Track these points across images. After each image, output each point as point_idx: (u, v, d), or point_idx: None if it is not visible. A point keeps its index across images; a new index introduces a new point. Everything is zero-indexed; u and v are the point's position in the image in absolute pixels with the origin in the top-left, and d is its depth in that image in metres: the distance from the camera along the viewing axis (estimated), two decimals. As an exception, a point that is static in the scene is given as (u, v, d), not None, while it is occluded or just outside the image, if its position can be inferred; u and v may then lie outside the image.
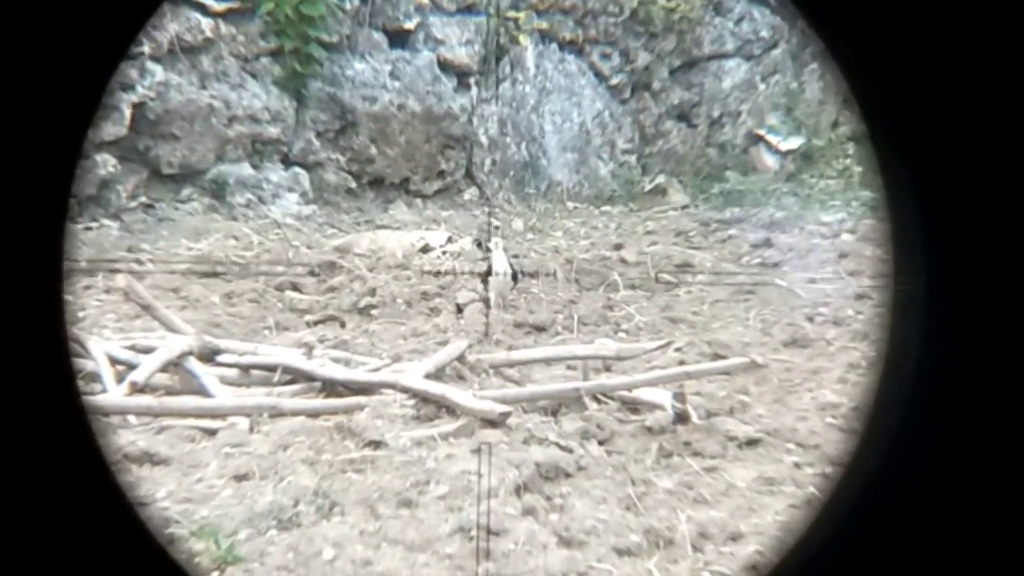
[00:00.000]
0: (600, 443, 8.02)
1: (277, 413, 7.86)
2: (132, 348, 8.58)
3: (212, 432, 7.64)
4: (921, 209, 2.34)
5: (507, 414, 8.05)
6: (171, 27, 13.58)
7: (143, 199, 13.94)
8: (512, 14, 16.38)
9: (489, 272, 9.90)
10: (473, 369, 9.28)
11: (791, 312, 11.96)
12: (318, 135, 15.20)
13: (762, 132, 17.42)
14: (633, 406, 8.65)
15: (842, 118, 18.08)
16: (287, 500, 6.51)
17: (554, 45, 16.90)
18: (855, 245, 14.11)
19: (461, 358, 9.26)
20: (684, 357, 10.07)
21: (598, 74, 17.16)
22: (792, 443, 8.05)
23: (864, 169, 16.60)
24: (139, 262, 12.32)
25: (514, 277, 10.03)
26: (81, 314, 9.83)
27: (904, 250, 2.43)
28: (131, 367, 8.17)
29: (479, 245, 13.33)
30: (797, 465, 7.62)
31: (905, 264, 2.43)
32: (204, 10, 14.21)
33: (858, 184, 16.42)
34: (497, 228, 13.90)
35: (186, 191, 14.34)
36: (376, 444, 7.64)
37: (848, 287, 12.63)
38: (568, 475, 7.36)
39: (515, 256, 13.17)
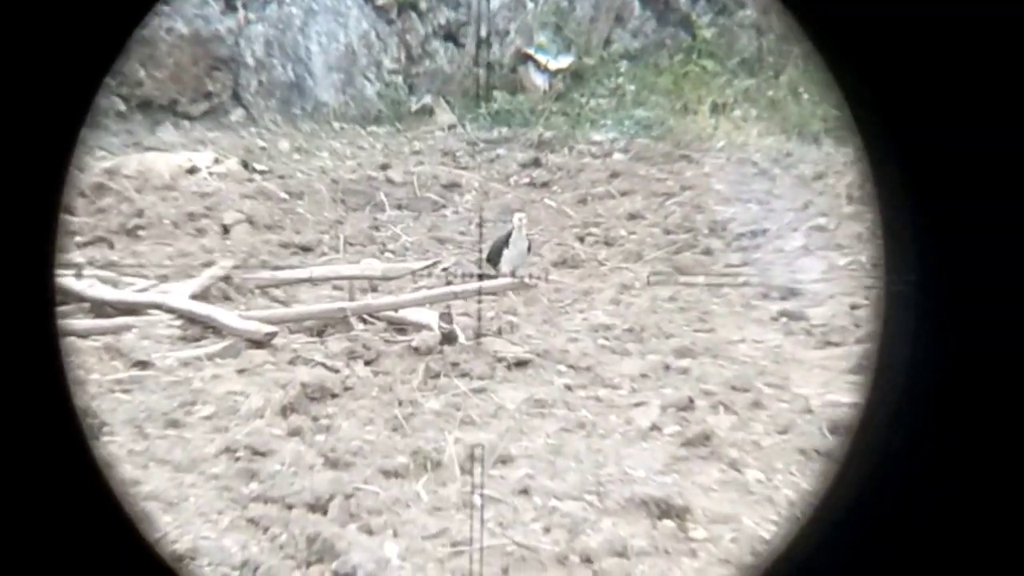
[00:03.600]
0: (367, 363, 8.05)
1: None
2: None
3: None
4: (912, 208, 2.34)
5: (273, 334, 8.03)
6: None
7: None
8: (276, -65, 16.15)
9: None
10: (239, 289, 9.20)
11: (561, 232, 12.08)
12: (86, 58, 14.77)
13: (531, 51, 17.43)
14: (400, 326, 8.70)
15: (613, 35, 18.23)
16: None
17: (320, -35, 16.69)
18: (627, 164, 14.29)
19: (227, 278, 9.16)
20: (451, 277, 10.12)
21: (364, -6, 17.01)
22: (563, 364, 8.16)
23: (640, 89, 16.86)
24: None
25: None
26: None
27: (895, 249, 2.42)
28: None
29: (245, 166, 13.17)
30: (568, 387, 7.73)
31: (896, 263, 2.42)
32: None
33: (630, 103, 16.58)
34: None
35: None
36: (143, 364, 7.55)
37: (620, 207, 12.80)
38: (334, 396, 7.38)
39: (281, 177, 13.07)
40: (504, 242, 9.69)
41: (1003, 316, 2.33)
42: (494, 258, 9.74)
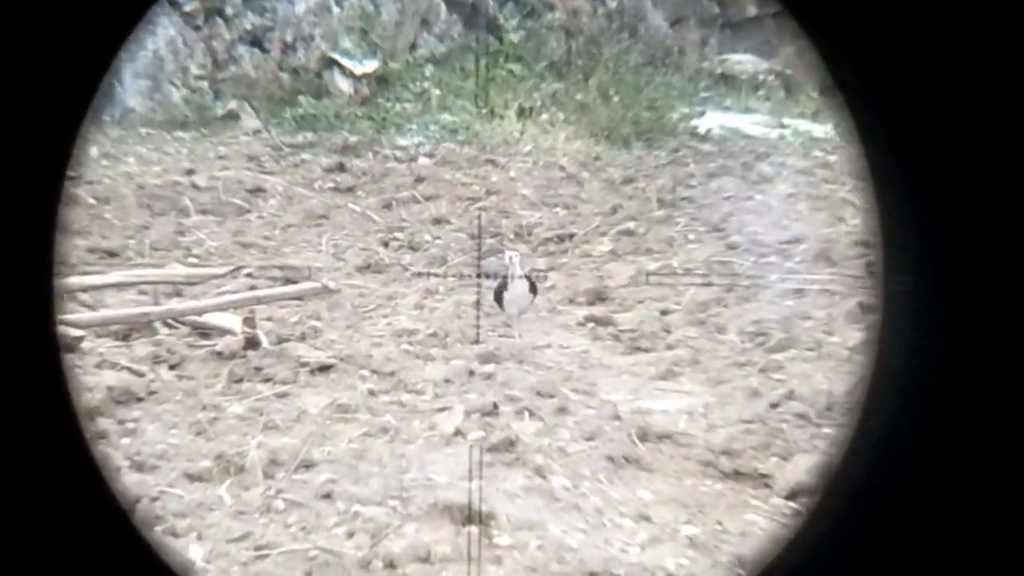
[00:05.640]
0: (171, 368, 7.97)
1: None
2: None
3: None
4: (910, 209, 2.32)
5: (80, 338, 7.89)
6: None
7: None
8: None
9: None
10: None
11: (365, 237, 12.07)
12: None
13: (336, 56, 17.40)
14: (204, 331, 8.61)
15: (420, 40, 18.27)
16: None
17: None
18: (432, 169, 14.32)
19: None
20: (255, 282, 10.06)
21: (171, 1, 16.80)
22: (366, 369, 8.14)
23: (446, 94, 16.89)
24: None
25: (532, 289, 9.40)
26: None
27: (894, 249, 2.40)
28: None
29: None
30: (372, 392, 7.70)
31: (895, 263, 2.40)
32: None
33: (436, 107, 16.64)
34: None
35: None
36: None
37: (425, 211, 12.83)
38: (140, 399, 7.29)
39: (88, 182, 12.83)
40: (504, 285, 9.50)
41: (1000, 313, 2.33)
42: (498, 300, 9.55)
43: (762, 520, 6.04)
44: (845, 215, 11.98)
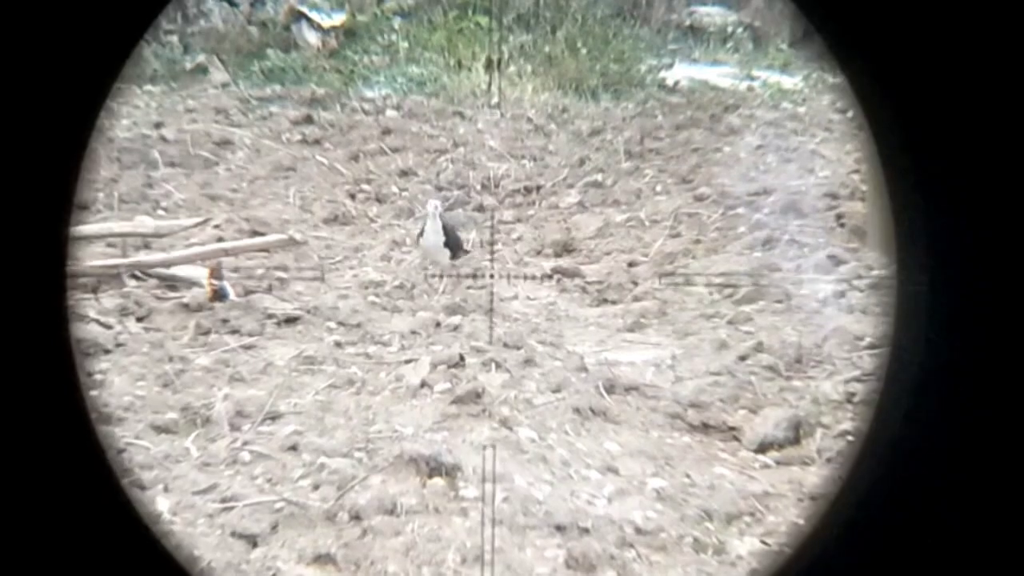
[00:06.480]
0: (139, 320, 7.98)
1: None
2: None
3: None
4: (925, 209, 2.29)
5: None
6: None
7: None
8: None
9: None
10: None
11: (332, 189, 12.04)
12: None
13: (304, 9, 17.30)
14: (171, 283, 8.60)
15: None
16: None
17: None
18: (400, 121, 14.26)
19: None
20: (222, 234, 10.03)
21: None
22: (333, 321, 8.16)
23: (414, 46, 16.82)
24: None
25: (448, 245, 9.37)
26: None
27: (908, 250, 2.37)
28: None
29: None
30: (338, 344, 7.72)
31: (909, 264, 2.37)
32: None
33: (404, 60, 16.56)
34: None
35: None
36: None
37: (392, 163, 12.80)
38: (107, 351, 7.29)
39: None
40: (420, 232, 9.51)
41: (1016, 317, 2.31)
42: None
43: (730, 473, 6.07)
44: (814, 167, 11.99)
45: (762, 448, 6.31)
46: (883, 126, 2.36)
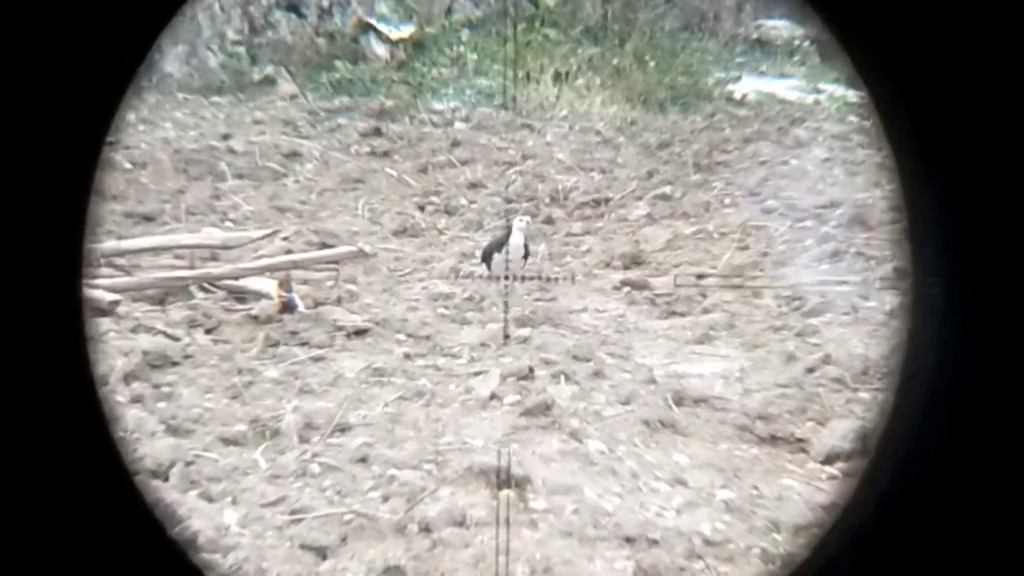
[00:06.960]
0: (207, 332, 8.00)
1: None
2: None
3: None
4: (940, 212, 2.28)
5: (116, 303, 7.92)
6: None
7: None
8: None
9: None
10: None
11: (401, 201, 12.07)
12: None
13: (372, 21, 17.37)
14: (240, 295, 8.63)
15: (456, 5, 18.22)
16: None
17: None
18: (468, 133, 14.29)
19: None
20: (291, 246, 10.06)
21: (209, -35, 16.85)
22: (402, 333, 8.15)
23: (482, 58, 16.84)
24: None
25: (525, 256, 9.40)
26: None
27: (923, 253, 2.36)
28: None
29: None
30: (407, 356, 7.72)
31: (924, 266, 2.36)
32: None
33: (472, 72, 16.61)
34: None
35: None
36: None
37: (460, 176, 12.82)
38: (175, 363, 7.31)
39: (125, 147, 12.85)
40: (498, 245, 9.43)
41: None
42: (487, 259, 9.50)
43: (798, 485, 6.01)
44: (881, 180, 11.90)
45: (829, 460, 6.25)
46: (898, 128, 2.34)
